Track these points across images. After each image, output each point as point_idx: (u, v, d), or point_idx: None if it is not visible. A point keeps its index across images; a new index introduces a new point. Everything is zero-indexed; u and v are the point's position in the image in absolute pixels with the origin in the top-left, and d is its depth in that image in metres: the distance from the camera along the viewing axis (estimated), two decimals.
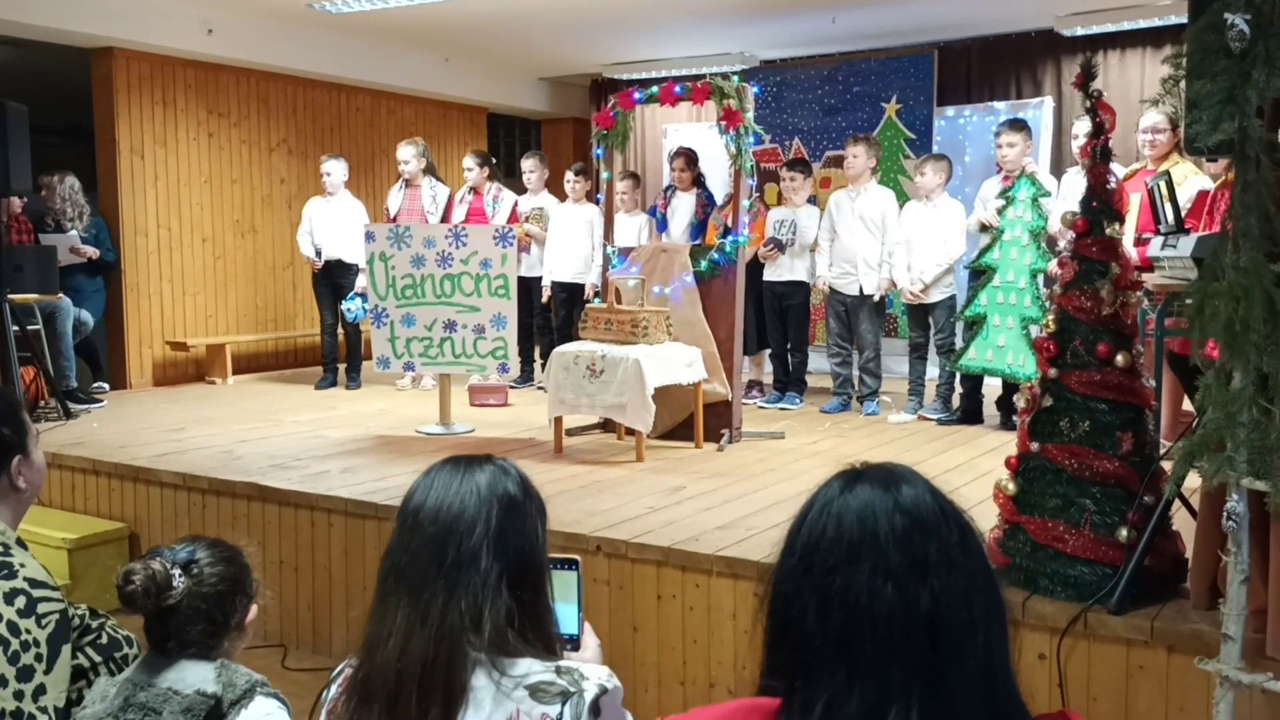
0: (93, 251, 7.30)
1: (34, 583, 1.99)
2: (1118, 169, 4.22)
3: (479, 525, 1.56)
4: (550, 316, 7.63)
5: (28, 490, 2.17)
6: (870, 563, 1.11)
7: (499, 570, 1.55)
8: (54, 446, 5.31)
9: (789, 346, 6.94)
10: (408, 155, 7.55)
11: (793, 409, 6.76)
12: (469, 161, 7.67)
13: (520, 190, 7.93)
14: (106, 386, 7.52)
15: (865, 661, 1.09)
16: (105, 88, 7.82)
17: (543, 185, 7.79)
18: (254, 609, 2.02)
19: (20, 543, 2.07)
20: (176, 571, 1.87)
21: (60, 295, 6.78)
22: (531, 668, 1.51)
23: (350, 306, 7.15)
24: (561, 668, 1.52)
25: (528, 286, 7.60)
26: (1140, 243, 4.77)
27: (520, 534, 1.61)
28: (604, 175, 6.23)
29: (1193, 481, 2.71)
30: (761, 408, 6.86)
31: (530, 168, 7.77)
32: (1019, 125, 6.13)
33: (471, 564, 1.54)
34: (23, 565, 2.01)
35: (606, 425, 5.81)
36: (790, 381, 6.96)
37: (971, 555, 1.14)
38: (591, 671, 1.53)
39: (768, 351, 7.15)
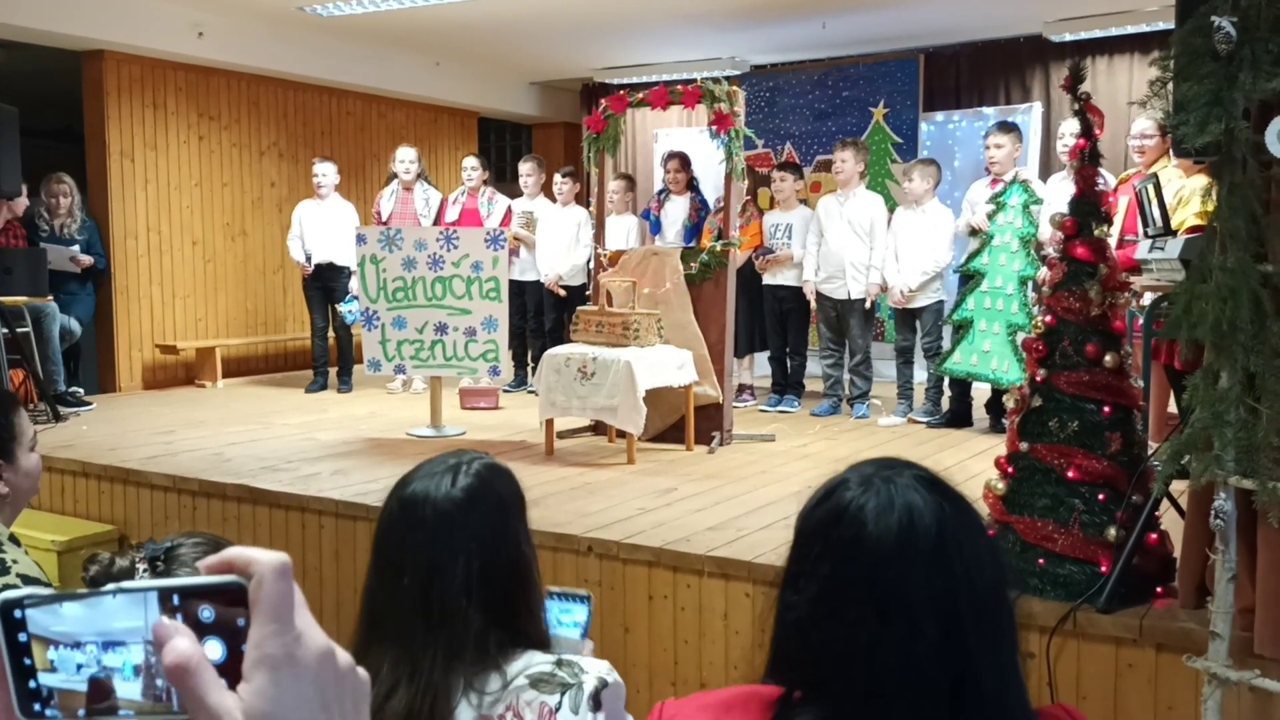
0: (88, 260, 7.27)
1: (26, 579, 1.99)
2: (1108, 176, 4.26)
3: (458, 573, 1.52)
4: (543, 319, 7.63)
5: (10, 494, 2.15)
6: (903, 625, 1.06)
7: (484, 602, 1.53)
8: (43, 449, 5.23)
9: (787, 350, 6.97)
10: (413, 157, 7.56)
11: (792, 411, 6.78)
12: (473, 161, 7.67)
13: (511, 194, 7.93)
14: (81, 391, 7.34)
15: (889, 714, 1.06)
16: (95, 90, 7.80)
17: (539, 189, 7.78)
18: None
19: (14, 539, 2.07)
20: (141, 566, 1.84)
21: (49, 298, 6.76)
22: (532, 659, 1.52)
23: (351, 309, 7.13)
24: (562, 660, 1.53)
25: (520, 290, 7.61)
26: (1123, 245, 4.80)
27: (505, 562, 1.58)
28: (593, 177, 6.25)
29: (1181, 481, 2.73)
30: (764, 410, 6.87)
31: (527, 171, 7.77)
32: (1008, 127, 6.15)
33: (456, 612, 1.51)
34: (15, 562, 2.01)
35: (598, 428, 5.82)
36: (789, 385, 6.98)
37: (1000, 596, 1.11)
38: (591, 665, 1.54)
39: (765, 354, 7.18)
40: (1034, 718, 1.13)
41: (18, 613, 0.56)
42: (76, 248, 7.21)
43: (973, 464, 5.04)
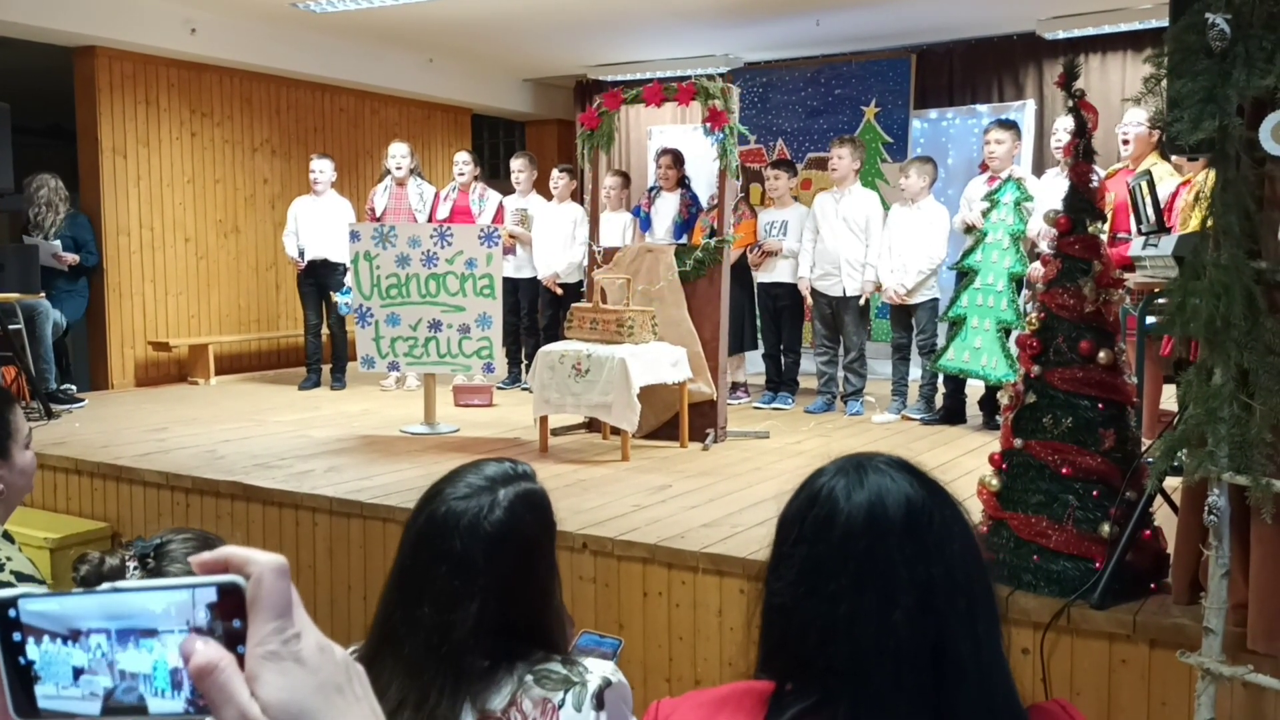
0: (72, 258, 7.24)
1: (21, 576, 1.98)
2: (1099, 173, 4.27)
3: (475, 612, 1.51)
4: (537, 317, 7.64)
5: (5, 491, 2.14)
6: (879, 596, 1.08)
7: (499, 632, 1.52)
8: (36, 446, 5.20)
9: (782, 347, 6.97)
10: (405, 152, 7.55)
11: (786, 408, 6.79)
12: (465, 156, 7.66)
13: (505, 191, 7.93)
14: (73, 389, 7.34)
15: (872, 693, 1.07)
16: (87, 87, 7.77)
17: (531, 186, 7.78)
18: None
19: (8, 536, 2.07)
20: (132, 564, 1.84)
21: (41, 295, 6.73)
22: (541, 659, 1.53)
23: (347, 300, 7.10)
24: (567, 660, 1.55)
25: (514, 287, 7.60)
26: (1114, 242, 4.81)
27: (526, 597, 1.57)
28: (587, 174, 6.24)
29: (1175, 477, 2.74)
30: (757, 408, 6.87)
31: (519, 168, 7.76)
32: (1008, 124, 6.15)
33: (470, 650, 1.50)
34: (9, 559, 2.00)
35: (592, 425, 5.81)
36: (783, 382, 6.98)
37: (974, 568, 1.12)
38: (596, 666, 1.56)
39: (758, 352, 7.18)
40: (1016, 695, 1.14)
41: (11, 612, 0.56)
42: (58, 244, 7.17)
43: (966, 461, 5.05)
